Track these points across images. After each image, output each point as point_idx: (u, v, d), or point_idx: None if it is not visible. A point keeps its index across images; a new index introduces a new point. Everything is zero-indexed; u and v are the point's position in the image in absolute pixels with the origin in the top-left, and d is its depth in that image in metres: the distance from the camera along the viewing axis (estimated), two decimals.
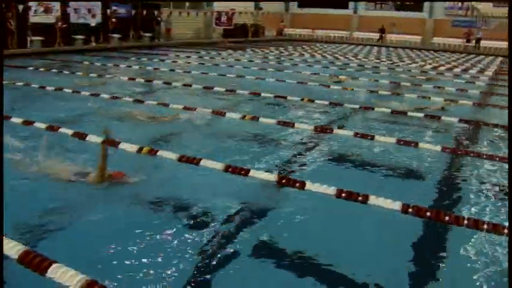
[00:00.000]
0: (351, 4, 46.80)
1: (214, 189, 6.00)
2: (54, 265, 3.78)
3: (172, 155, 6.91)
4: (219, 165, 6.56)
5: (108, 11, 27.52)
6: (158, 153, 7.00)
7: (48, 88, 12.69)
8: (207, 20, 36.86)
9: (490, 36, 40.19)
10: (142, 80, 15.10)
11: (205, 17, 36.82)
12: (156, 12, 30.62)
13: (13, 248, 4.00)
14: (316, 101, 12.12)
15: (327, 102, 12.05)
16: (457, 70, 23.24)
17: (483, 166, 7.65)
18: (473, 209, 5.90)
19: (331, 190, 5.85)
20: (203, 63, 20.61)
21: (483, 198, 6.32)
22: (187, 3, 35.87)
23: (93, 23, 26.59)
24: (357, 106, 11.77)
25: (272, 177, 6.30)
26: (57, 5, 24.71)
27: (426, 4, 43.86)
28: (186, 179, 6.39)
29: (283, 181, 6.21)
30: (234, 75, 16.81)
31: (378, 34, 42.50)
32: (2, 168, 4.01)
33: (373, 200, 5.62)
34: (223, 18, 37.13)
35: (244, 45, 32.18)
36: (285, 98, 12.49)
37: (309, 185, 6.03)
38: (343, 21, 45.77)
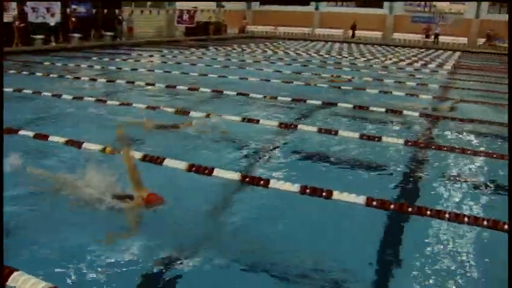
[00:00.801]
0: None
1: (177, 188, 5.95)
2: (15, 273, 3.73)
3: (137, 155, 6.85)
4: (182, 165, 6.53)
5: (68, 10, 27.01)
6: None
7: (7, 89, 12.38)
8: (169, 19, 36.57)
9: (448, 31, 41.16)
10: (104, 80, 14.91)
11: (167, 15, 36.54)
12: (117, 11, 30.23)
13: None
14: (280, 98, 12.16)
15: (289, 99, 12.09)
16: (417, 65, 23.66)
17: (444, 158, 7.83)
18: (436, 200, 6.03)
19: (296, 187, 5.89)
20: (166, 62, 20.43)
21: (445, 189, 6.47)
22: (148, 2, 35.55)
23: (52, 22, 26.02)
24: (320, 102, 11.84)
25: (236, 176, 6.30)
26: (13, 4, 24.10)
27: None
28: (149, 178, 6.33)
29: (247, 179, 6.21)
30: (197, 73, 16.73)
31: (350, 31, 43.06)
32: (2, 169, 3.95)
33: (337, 195, 5.68)
34: (185, 17, 36.86)
35: (207, 43, 32.06)
36: (248, 95, 12.50)
37: (273, 183, 6.05)
38: (305, 18, 46.10)
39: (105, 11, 29.52)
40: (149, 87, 13.79)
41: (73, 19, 27.16)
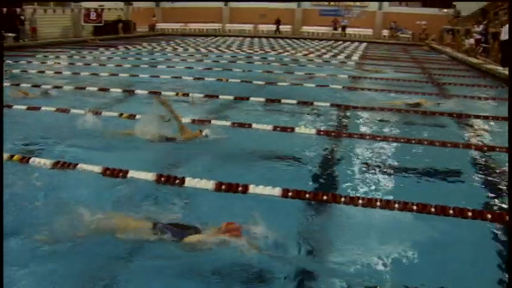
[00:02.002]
0: None
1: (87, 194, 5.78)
2: None
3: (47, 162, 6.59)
4: (96, 168, 6.35)
5: None
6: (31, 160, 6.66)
7: None
8: (75, 18, 35.33)
9: (354, 23, 42.61)
10: (8, 84, 14.17)
11: (73, 14, 35.27)
12: (18, 10, 28.80)
13: None
14: (191, 94, 12.07)
15: (202, 95, 12.03)
16: (326, 56, 24.27)
17: (355, 146, 8.07)
18: (350, 187, 6.21)
19: (211, 184, 5.86)
20: (73, 63, 19.75)
21: (357, 176, 6.65)
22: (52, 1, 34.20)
23: None
24: (232, 97, 11.86)
25: (150, 176, 6.19)
26: None
27: None
28: (63, 182, 6.11)
29: (162, 179, 6.12)
30: (107, 73, 16.28)
31: (275, 25, 43.55)
32: (2, 171, 3.70)
33: (252, 189, 5.71)
34: (93, 15, 35.74)
35: (116, 42, 31.28)
36: (160, 93, 12.32)
37: (188, 181, 6.00)
38: (215, 14, 46.04)
39: (5, 10, 28.04)
40: (57, 89, 13.25)
41: None
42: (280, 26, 43.47)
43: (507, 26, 18.83)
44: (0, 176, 3.79)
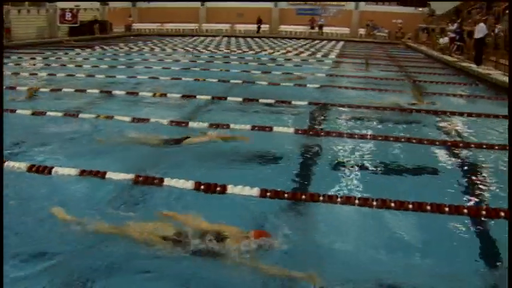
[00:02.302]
0: None
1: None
2: None
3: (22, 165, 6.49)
4: (73, 171, 6.27)
5: None
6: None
7: None
8: (50, 18, 34.86)
9: (331, 22, 42.87)
10: None
11: (48, 14, 34.80)
12: None
13: None
14: (169, 95, 12.02)
15: (179, 95, 11.98)
16: (304, 55, 24.35)
17: (333, 144, 8.09)
18: (328, 185, 6.21)
19: (190, 184, 5.85)
20: (49, 64, 19.49)
21: (336, 174, 6.68)
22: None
23: None
24: (210, 97, 11.83)
25: (129, 176, 6.14)
26: None
27: None
28: (37, 187, 6.03)
29: (140, 179, 6.08)
30: (84, 74, 16.09)
31: (256, 25, 43.62)
32: (2, 171, 3.66)
33: (231, 189, 5.70)
34: (68, 16, 35.28)
35: (93, 43, 30.95)
36: (137, 94, 12.25)
37: (167, 181, 5.97)
38: (192, 13, 45.83)
39: None
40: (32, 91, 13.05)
41: None
42: (256, 26, 43.50)
43: (481, 24, 19.14)
44: (0, 177, 3.77)
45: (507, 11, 23.12)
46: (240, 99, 11.57)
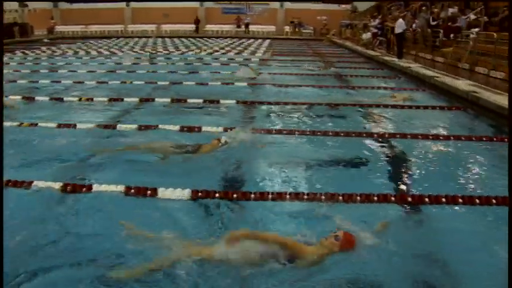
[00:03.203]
0: None
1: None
2: None
3: None
4: None
5: None
6: None
7: None
8: None
9: (257, 21, 43.21)
10: None
11: None
12: None
13: None
14: (95, 99, 11.71)
15: (106, 99, 11.70)
16: (231, 54, 24.41)
17: (264, 141, 8.11)
18: (258, 183, 6.23)
19: (120, 188, 5.72)
20: None
21: (266, 172, 6.69)
22: None
23: None
24: (137, 99, 11.63)
25: (56, 185, 5.92)
26: None
27: None
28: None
29: (69, 188, 5.88)
30: (4, 80, 15.40)
31: (194, 25, 43.46)
32: (2, 170, 3.40)
33: (162, 192, 5.63)
34: None
35: (13, 47, 29.67)
36: (62, 99, 11.84)
37: (96, 187, 5.81)
38: (117, 15, 44.97)
39: None
40: None
41: None
42: (185, 26, 43.25)
43: (399, 20, 19.85)
44: (0, 178, 3.62)
45: (423, 8, 24.12)
46: (168, 100, 11.43)
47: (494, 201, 5.40)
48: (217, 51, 26.29)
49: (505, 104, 9.42)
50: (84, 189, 5.83)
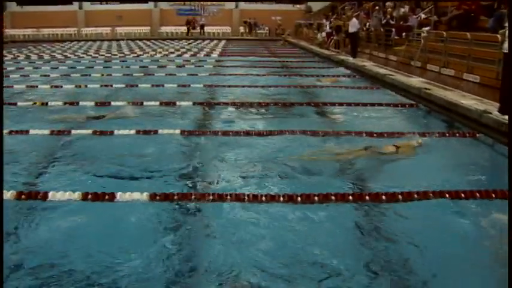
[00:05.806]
0: None
1: None
2: None
3: None
4: None
5: None
6: None
7: None
8: None
9: (212, 22, 43.23)
10: None
11: None
12: None
13: None
14: (50, 103, 11.47)
15: (61, 103, 11.49)
16: (187, 56, 24.35)
17: (220, 142, 8.14)
18: (217, 184, 6.24)
19: (77, 195, 5.64)
20: None
21: (223, 173, 6.69)
22: None
23: None
24: (92, 103, 11.47)
25: (9, 194, 5.75)
26: None
27: None
28: None
29: (23, 196, 5.74)
30: None
31: (186, 27, 43.02)
32: (2, 168, 3.28)
33: (120, 196, 5.58)
34: None
35: None
36: (15, 104, 11.52)
37: (52, 195, 5.69)
38: (69, 17, 44.13)
39: None
40: None
41: None
42: (139, 28, 42.87)
43: (353, 19, 20.15)
44: (0, 180, 3.54)
45: (376, 7, 24.58)
46: (124, 103, 11.31)
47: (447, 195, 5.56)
48: (172, 53, 26.20)
49: (455, 100, 9.73)
50: (39, 196, 5.72)
